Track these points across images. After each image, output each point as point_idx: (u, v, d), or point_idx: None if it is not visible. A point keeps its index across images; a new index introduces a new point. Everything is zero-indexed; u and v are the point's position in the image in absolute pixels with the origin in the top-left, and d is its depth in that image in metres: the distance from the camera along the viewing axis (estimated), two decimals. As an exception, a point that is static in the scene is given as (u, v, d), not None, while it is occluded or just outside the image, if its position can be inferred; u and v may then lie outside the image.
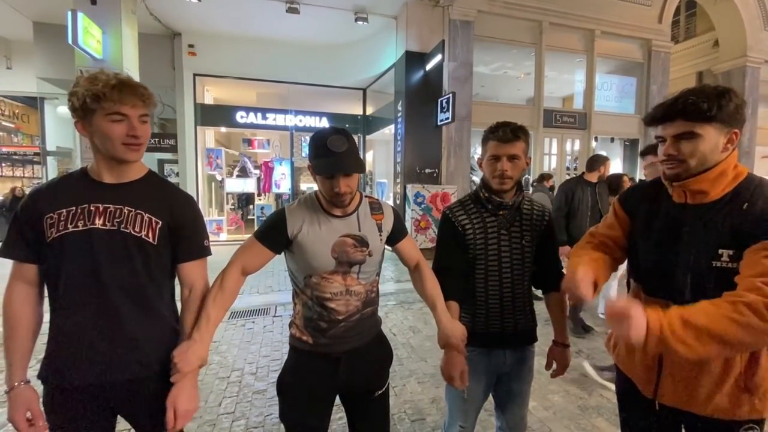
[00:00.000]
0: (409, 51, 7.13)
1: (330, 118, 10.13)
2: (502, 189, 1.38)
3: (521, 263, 1.41)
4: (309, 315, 1.26)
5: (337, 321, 1.25)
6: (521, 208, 1.44)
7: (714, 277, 0.98)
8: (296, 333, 1.29)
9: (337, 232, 1.24)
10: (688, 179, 1.03)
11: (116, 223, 1.09)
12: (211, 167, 9.77)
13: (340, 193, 1.17)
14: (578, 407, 2.52)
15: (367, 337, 1.33)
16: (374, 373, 1.35)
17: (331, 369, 1.27)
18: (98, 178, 1.12)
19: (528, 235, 1.42)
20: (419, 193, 7.07)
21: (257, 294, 5.09)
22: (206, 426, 2.32)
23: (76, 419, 1.09)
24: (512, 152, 1.35)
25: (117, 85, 1.02)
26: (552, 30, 7.71)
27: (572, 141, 8.58)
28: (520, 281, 1.42)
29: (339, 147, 1.15)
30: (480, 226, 1.41)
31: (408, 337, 3.68)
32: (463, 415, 1.46)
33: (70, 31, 4.90)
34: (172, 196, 1.19)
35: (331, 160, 1.15)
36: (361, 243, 1.26)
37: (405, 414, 2.45)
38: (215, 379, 2.87)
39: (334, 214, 1.26)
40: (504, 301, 1.41)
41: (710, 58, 9.50)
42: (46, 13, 6.76)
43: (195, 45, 8.06)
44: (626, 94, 8.89)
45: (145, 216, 1.12)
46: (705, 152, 0.99)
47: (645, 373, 1.14)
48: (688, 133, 0.99)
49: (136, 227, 1.11)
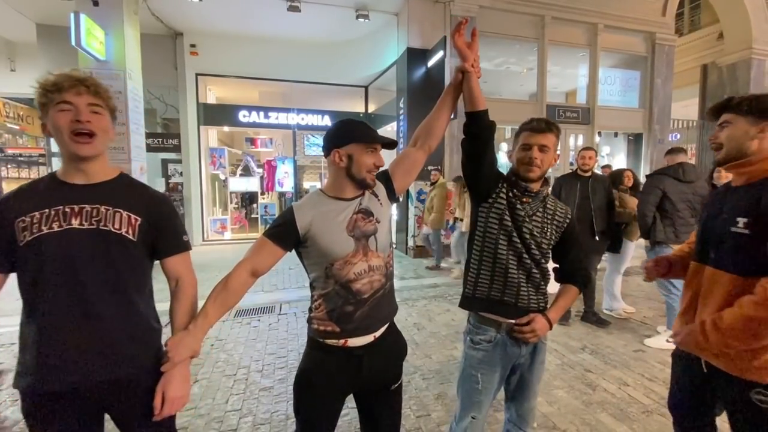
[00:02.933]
0: (410, 48, 7.11)
1: (332, 116, 10.13)
2: (528, 177, 1.42)
3: (538, 249, 1.43)
4: (332, 306, 1.26)
5: (364, 301, 1.26)
6: (546, 202, 1.48)
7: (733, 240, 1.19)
8: (319, 326, 1.27)
9: (346, 213, 1.28)
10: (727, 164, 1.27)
11: (94, 221, 1.08)
12: (214, 166, 9.81)
13: (381, 165, 1.31)
14: (582, 402, 2.53)
15: (387, 322, 1.35)
16: (392, 367, 1.39)
17: (354, 362, 1.29)
18: (69, 180, 1.10)
19: (548, 229, 1.46)
20: (422, 191, 7.07)
21: (262, 292, 5.13)
22: (214, 423, 2.35)
23: (64, 425, 1.07)
24: (543, 142, 1.41)
25: (63, 75, 1.05)
26: (555, 24, 7.65)
27: (576, 136, 8.53)
28: (533, 266, 1.43)
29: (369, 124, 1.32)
30: (503, 197, 1.45)
31: (412, 334, 3.69)
32: (477, 406, 1.48)
33: (73, 33, 4.92)
34: (147, 195, 1.21)
35: (377, 135, 1.29)
36: (367, 214, 1.30)
37: (410, 410, 2.47)
38: (222, 376, 2.90)
39: (345, 197, 1.30)
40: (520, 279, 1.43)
41: (715, 50, 9.39)
42: (49, 15, 6.79)
43: (197, 45, 8.07)
44: (630, 88, 8.81)
45: (123, 213, 1.12)
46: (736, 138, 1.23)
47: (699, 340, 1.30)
48: (726, 122, 1.25)
49: (115, 224, 1.10)
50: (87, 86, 1.06)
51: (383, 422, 1.40)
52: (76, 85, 1.04)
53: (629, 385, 2.74)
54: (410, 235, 7.22)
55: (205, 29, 7.74)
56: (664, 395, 2.54)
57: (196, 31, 7.84)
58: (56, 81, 1.04)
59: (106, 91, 1.11)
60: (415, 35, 7.11)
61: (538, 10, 7.45)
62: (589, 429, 2.27)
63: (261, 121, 9.59)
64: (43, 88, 1.03)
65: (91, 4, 5.28)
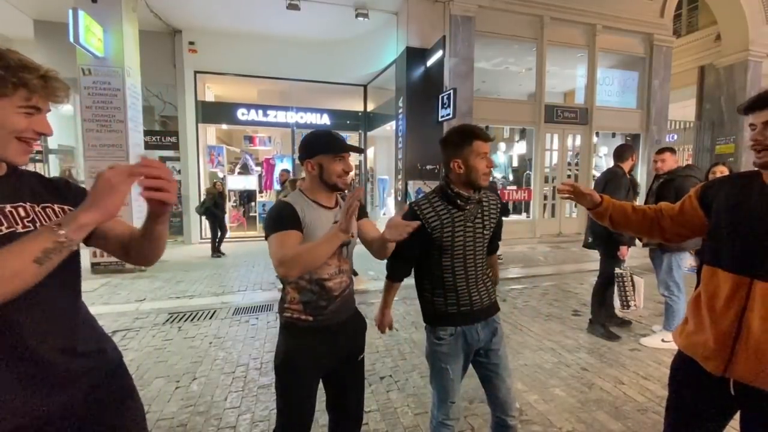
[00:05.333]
0: (409, 47, 7.12)
1: (331, 115, 10.13)
2: (484, 185, 1.57)
3: (482, 248, 1.60)
4: (306, 298, 1.41)
5: (334, 297, 1.44)
6: (482, 202, 1.61)
7: None
8: (294, 315, 1.43)
9: (330, 219, 1.42)
10: None
11: (28, 223, 0.89)
12: (212, 164, 9.79)
13: (349, 170, 1.42)
14: (578, 401, 2.55)
15: (352, 309, 1.56)
16: (359, 339, 1.59)
17: (332, 338, 1.46)
18: None
19: (488, 224, 1.62)
20: (420, 190, 7.09)
21: (260, 290, 5.13)
22: (212, 420, 2.36)
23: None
24: (488, 150, 1.56)
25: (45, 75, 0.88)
26: (553, 25, 7.67)
27: (574, 136, 8.57)
28: (481, 263, 1.61)
29: (338, 134, 1.46)
30: (448, 220, 1.55)
31: (410, 332, 3.71)
32: (453, 392, 1.62)
33: (71, 30, 4.91)
34: (53, 181, 1.03)
35: (343, 143, 1.42)
36: None
37: (408, 407, 2.49)
38: (221, 374, 2.91)
39: (324, 205, 1.45)
40: (470, 283, 1.58)
41: (712, 52, 9.44)
42: (47, 11, 6.76)
43: (195, 42, 8.05)
44: (628, 89, 8.86)
45: (54, 207, 0.96)
46: None
47: (717, 347, 1.18)
48: None
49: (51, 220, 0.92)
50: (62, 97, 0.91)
51: (351, 390, 1.58)
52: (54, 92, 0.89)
53: (625, 383, 2.77)
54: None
55: (204, 27, 7.73)
56: (659, 393, 2.58)
57: (195, 28, 7.83)
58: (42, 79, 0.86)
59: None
60: (415, 34, 7.12)
61: (536, 11, 7.47)
62: (585, 427, 2.29)
63: (260, 119, 9.58)
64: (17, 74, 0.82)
65: (90, 1, 5.27)
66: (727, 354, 1.16)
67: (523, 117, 8.27)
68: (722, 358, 1.17)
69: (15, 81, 0.83)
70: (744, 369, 1.14)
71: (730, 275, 1.17)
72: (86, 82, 5.58)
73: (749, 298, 1.13)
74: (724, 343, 1.17)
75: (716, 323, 1.19)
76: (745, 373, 1.14)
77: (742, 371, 1.14)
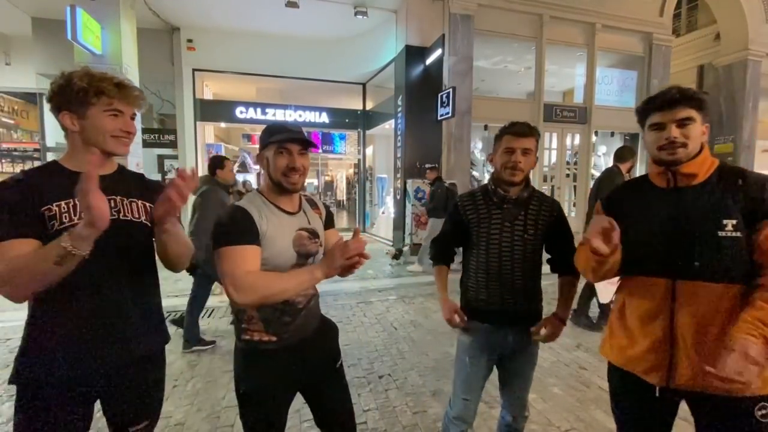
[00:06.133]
0: (409, 45, 7.10)
1: (330, 113, 10.11)
2: (512, 181, 1.48)
3: (522, 252, 1.51)
4: (268, 316, 1.23)
5: (299, 311, 1.29)
6: (528, 204, 1.52)
7: (718, 245, 1.08)
8: (255, 336, 1.24)
9: (293, 226, 1.27)
10: (684, 163, 1.13)
11: (114, 212, 1.11)
12: (211, 163, 9.76)
13: (296, 167, 1.21)
14: (577, 400, 2.56)
15: (318, 318, 1.40)
16: (331, 345, 1.44)
17: (301, 356, 1.29)
18: (82, 170, 1.02)
19: (532, 229, 1.51)
20: (419, 188, 7.07)
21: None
22: (211, 418, 2.36)
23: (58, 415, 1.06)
24: (526, 146, 1.47)
25: (127, 86, 1.14)
26: (553, 23, 7.66)
27: (572, 135, 8.57)
28: (520, 267, 1.51)
29: (295, 128, 1.26)
30: (485, 217, 1.53)
31: (409, 331, 3.71)
32: (468, 388, 1.57)
33: (69, 27, 4.87)
34: (150, 183, 1.30)
35: (290, 134, 1.22)
36: (314, 235, 1.32)
37: (407, 406, 2.49)
38: (219, 373, 2.91)
39: (286, 210, 1.27)
40: (503, 283, 1.51)
41: (711, 51, 9.44)
42: (45, 8, 6.72)
43: (194, 40, 8.01)
44: (627, 88, 8.85)
45: (139, 203, 1.19)
46: (697, 137, 1.12)
47: (656, 360, 1.16)
48: (689, 118, 1.10)
49: (135, 214, 1.16)
50: (138, 100, 1.16)
51: (337, 402, 1.41)
52: (128, 97, 1.13)
53: (623, 382, 2.78)
54: (407, 233, 7.24)
55: (203, 24, 7.69)
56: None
57: (194, 26, 7.79)
58: (116, 86, 1.10)
59: (145, 101, 1.23)
60: (414, 33, 7.10)
61: (536, 9, 7.45)
62: (583, 425, 2.30)
63: (258, 117, 9.55)
64: (97, 90, 1.08)
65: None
66: (667, 362, 1.14)
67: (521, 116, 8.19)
68: (664, 367, 1.14)
69: (96, 90, 1.07)
70: (686, 374, 1.11)
71: (651, 280, 1.17)
72: (84, 79, 5.55)
73: (675, 299, 1.13)
74: (661, 351, 1.15)
75: (648, 333, 1.17)
76: (689, 378, 1.11)
77: (686, 377, 1.11)
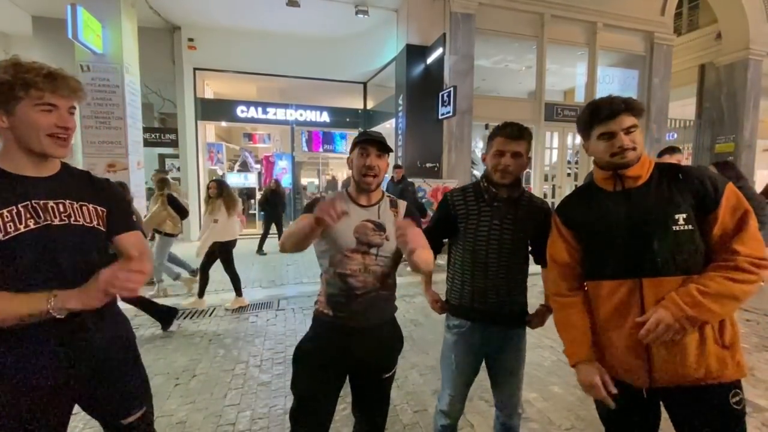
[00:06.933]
0: (409, 44, 7.09)
1: (331, 112, 10.11)
2: (502, 182, 1.50)
3: (509, 253, 1.52)
4: (331, 291, 1.41)
5: (355, 296, 1.38)
6: (519, 204, 1.53)
7: (674, 239, 1.13)
8: (319, 307, 1.45)
9: (360, 217, 1.41)
10: (631, 167, 1.20)
11: (65, 217, 1.04)
12: (212, 162, 9.77)
13: (371, 165, 1.37)
14: (577, 398, 2.56)
15: (382, 318, 1.47)
16: (384, 354, 1.48)
17: (345, 341, 1.41)
18: (20, 172, 1.02)
19: (521, 231, 1.52)
20: (420, 188, 7.07)
21: (260, 288, 5.14)
22: (212, 417, 2.36)
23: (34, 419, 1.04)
24: (516, 149, 1.47)
25: (56, 74, 1.00)
26: (554, 22, 7.65)
27: (573, 135, 8.55)
28: (506, 267, 1.53)
29: (375, 134, 1.42)
30: (474, 212, 1.55)
31: (410, 330, 3.72)
32: (453, 384, 1.60)
33: (70, 26, 4.88)
34: (98, 182, 1.19)
35: (369, 138, 1.39)
36: (379, 228, 1.43)
37: (407, 405, 2.49)
38: (220, 371, 2.91)
39: (361, 204, 1.44)
40: (488, 281, 1.53)
41: (713, 50, 9.42)
42: (45, 7, 6.72)
43: (195, 39, 8.01)
44: (628, 87, 8.83)
45: (90, 206, 1.11)
46: (641, 141, 1.20)
47: (637, 364, 1.18)
48: (634, 126, 1.19)
49: (86, 219, 1.09)
50: (75, 92, 1.02)
51: (373, 409, 1.54)
52: (62, 89, 0.99)
53: (623, 381, 2.78)
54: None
55: (204, 23, 7.69)
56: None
57: (195, 25, 7.79)
58: (46, 77, 0.97)
59: (84, 92, 1.09)
60: (415, 32, 7.09)
61: (537, 8, 7.44)
62: (584, 424, 2.30)
63: (259, 116, 9.55)
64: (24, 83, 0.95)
65: (88, -3, 5.23)
66: (646, 362, 1.16)
67: (522, 115, 8.24)
68: (644, 368, 1.16)
69: (21, 82, 0.94)
70: (665, 371, 1.14)
71: (617, 282, 1.20)
72: (85, 78, 5.54)
73: (643, 297, 1.15)
74: (638, 353, 1.16)
75: (622, 336, 1.19)
76: (668, 375, 1.14)
77: (665, 375, 1.14)
